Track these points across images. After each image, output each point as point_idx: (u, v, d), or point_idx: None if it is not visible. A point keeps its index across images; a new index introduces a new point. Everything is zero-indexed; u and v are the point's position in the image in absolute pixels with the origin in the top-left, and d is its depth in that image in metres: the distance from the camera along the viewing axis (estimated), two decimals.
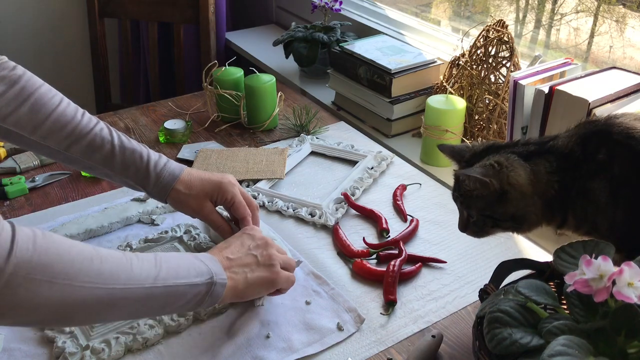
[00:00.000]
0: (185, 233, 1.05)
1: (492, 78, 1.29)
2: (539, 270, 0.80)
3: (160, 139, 1.37)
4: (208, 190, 0.93)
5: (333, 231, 1.07)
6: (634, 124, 0.76)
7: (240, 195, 0.94)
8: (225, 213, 0.98)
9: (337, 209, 1.12)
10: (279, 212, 1.13)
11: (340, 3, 1.76)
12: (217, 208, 0.95)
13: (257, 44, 2.10)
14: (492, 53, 1.29)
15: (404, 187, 1.19)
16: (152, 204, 1.13)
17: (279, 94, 1.42)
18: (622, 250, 0.72)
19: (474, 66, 1.31)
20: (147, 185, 0.92)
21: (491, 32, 1.29)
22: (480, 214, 0.81)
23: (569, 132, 0.81)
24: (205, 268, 0.75)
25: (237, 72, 1.43)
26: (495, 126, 1.28)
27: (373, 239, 1.06)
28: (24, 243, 0.60)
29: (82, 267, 0.63)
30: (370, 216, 1.11)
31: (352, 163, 1.28)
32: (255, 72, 1.40)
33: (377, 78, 1.44)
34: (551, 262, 0.75)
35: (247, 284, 0.80)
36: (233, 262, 0.80)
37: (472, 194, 0.80)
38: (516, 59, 1.28)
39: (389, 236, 1.06)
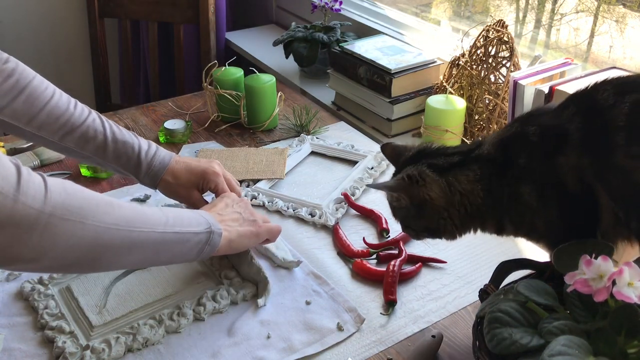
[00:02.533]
0: None
1: (492, 78, 1.29)
2: (539, 270, 0.79)
3: (160, 139, 1.37)
4: (194, 180, 0.98)
5: (333, 231, 1.07)
6: (547, 121, 0.74)
7: (224, 183, 0.99)
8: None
9: (337, 209, 1.12)
10: (279, 212, 1.13)
11: (340, 3, 1.77)
12: None
13: (257, 44, 2.10)
14: (492, 53, 1.29)
15: None
16: (152, 204, 1.13)
17: (279, 94, 1.42)
18: None
19: (474, 66, 1.31)
20: (138, 174, 0.96)
21: (491, 32, 1.29)
22: (401, 223, 0.84)
23: (493, 136, 0.80)
24: (203, 219, 0.82)
25: (237, 72, 1.43)
26: (495, 126, 1.28)
27: (373, 239, 1.06)
28: (56, 188, 0.65)
29: (106, 210, 0.70)
30: (370, 216, 1.11)
31: (352, 163, 1.28)
32: (255, 72, 1.40)
33: (377, 78, 1.44)
34: (551, 262, 0.75)
35: (239, 236, 0.88)
36: (224, 217, 0.88)
37: (393, 205, 0.82)
38: (516, 59, 1.28)
39: (389, 236, 1.06)
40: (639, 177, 0.66)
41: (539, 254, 1.02)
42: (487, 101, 1.30)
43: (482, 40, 1.30)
